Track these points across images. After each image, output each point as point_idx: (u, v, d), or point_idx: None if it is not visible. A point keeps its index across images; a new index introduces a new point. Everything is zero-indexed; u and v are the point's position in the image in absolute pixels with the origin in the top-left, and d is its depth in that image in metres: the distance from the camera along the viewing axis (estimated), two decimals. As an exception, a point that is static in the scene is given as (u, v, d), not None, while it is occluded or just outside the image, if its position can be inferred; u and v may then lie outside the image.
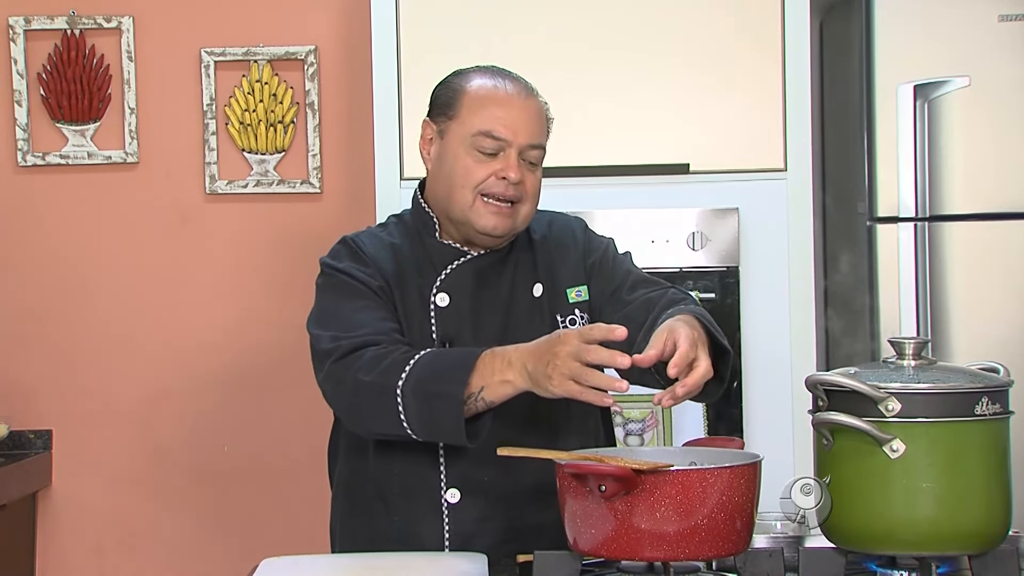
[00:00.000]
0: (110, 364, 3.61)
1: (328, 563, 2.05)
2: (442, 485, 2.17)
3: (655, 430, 3.13)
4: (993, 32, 3.26)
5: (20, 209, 3.61)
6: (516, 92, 2.21)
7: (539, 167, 2.23)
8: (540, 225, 2.31)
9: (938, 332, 3.25)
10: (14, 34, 3.58)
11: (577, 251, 2.29)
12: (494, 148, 2.17)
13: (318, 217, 3.61)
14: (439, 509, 2.17)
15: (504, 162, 2.17)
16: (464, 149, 2.18)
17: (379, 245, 2.26)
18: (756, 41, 3.20)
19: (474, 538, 2.14)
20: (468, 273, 2.22)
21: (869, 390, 1.77)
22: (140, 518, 3.61)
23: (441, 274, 2.22)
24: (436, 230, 2.25)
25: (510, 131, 2.17)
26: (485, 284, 2.22)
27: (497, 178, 2.17)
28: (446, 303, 2.20)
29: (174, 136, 3.61)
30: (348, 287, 2.19)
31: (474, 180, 2.17)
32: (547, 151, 2.27)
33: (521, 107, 2.20)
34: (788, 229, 3.20)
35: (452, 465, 2.17)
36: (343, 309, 2.17)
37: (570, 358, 1.92)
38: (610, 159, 3.21)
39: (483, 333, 2.18)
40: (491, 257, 2.24)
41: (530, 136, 2.19)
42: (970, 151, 3.27)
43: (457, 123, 2.20)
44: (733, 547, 1.79)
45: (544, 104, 2.26)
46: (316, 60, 3.59)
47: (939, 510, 1.76)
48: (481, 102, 2.19)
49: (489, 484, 2.16)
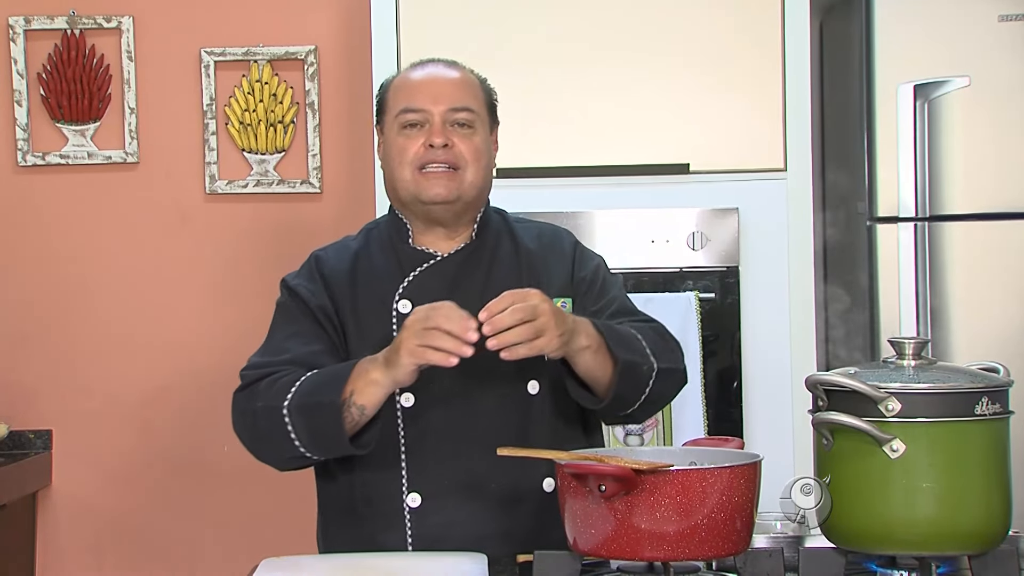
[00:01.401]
0: (110, 364, 3.61)
1: (328, 563, 2.05)
2: (403, 490, 2.17)
3: (655, 430, 3.13)
4: (993, 32, 3.26)
5: (20, 209, 3.62)
6: (434, 68, 2.27)
7: (476, 132, 2.23)
8: (528, 234, 2.30)
9: (938, 332, 3.25)
10: (14, 34, 3.58)
11: (565, 263, 2.28)
12: (417, 120, 2.21)
13: (318, 217, 3.61)
14: (401, 515, 2.17)
15: (429, 131, 2.20)
16: (394, 133, 2.24)
17: (343, 257, 2.28)
18: (756, 41, 3.21)
19: (437, 543, 2.13)
20: (435, 277, 2.22)
21: (869, 390, 1.77)
22: (140, 517, 3.61)
23: (404, 281, 2.22)
24: (409, 235, 2.26)
25: (428, 99, 2.21)
26: (455, 288, 2.20)
27: (426, 148, 2.20)
28: (408, 310, 2.18)
29: (174, 136, 3.61)
30: (288, 310, 2.24)
31: (408, 155, 2.21)
32: (545, 150, 2.27)
33: (438, 77, 2.25)
34: (788, 229, 3.20)
35: (412, 470, 2.17)
36: (276, 334, 2.23)
37: (417, 325, 1.97)
38: (610, 159, 3.21)
39: None
40: (459, 257, 2.24)
41: (451, 100, 2.22)
42: (970, 151, 3.27)
43: (387, 115, 2.26)
44: (733, 547, 1.79)
45: (474, 75, 2.29)
46: (316, 60, 3.59)
47: (939, 510, 1.76)
48: (401, 85, 2.27)
49: (450, 488, 2.15)
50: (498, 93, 2.33)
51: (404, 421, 2.17)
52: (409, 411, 2.17)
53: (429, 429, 2.16)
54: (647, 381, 2.11)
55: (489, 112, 2.28)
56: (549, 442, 2.14)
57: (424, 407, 2.16)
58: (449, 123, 2.21)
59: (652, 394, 2.13)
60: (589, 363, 2.07)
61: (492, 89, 2.31)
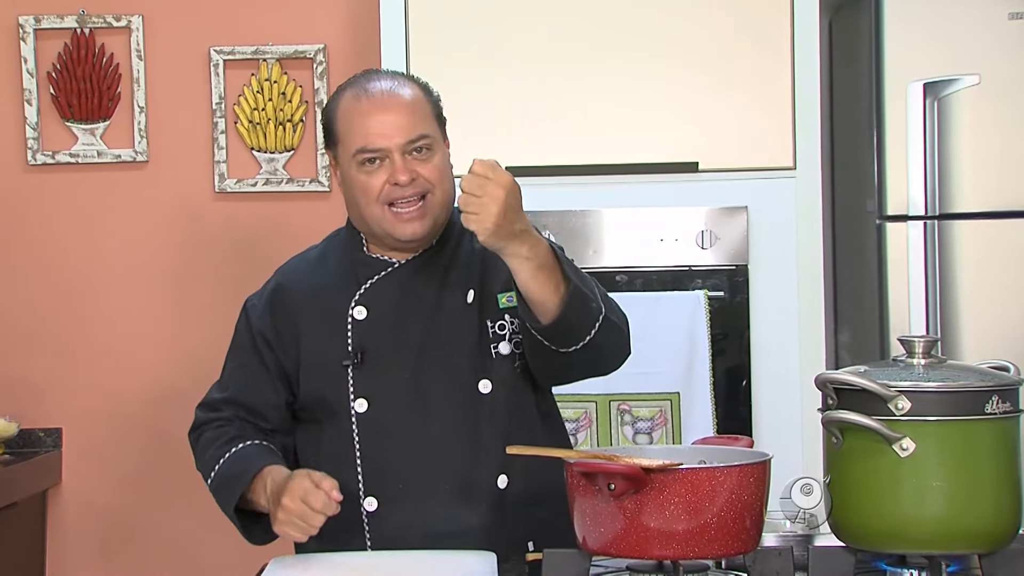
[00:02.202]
0: (120, 362, 3.62)
1: (336, 561, 2.05)
2: (360, 494, 2.18)
3: (664, 428, 3.13)
4: (1003, 30, 3.25)
5: (30, 208, 3.62)
6: (379, 94, 2.19)
7: (435, 151, 2.20)
8: None
9: (948, 330, 3.24)
10: (24, 33, 3.59)
11: None
12: (375, 157, 2.17)
13: (326, 215, 3.60)
14: (359, 519, 2.18)
15: (390, 168, 2.16)
16: (354, 170, 2.19)
17: (301, 268, 2.32)
18: (765, 39, 3.20)
19: (395, 545, 2.15)
20: (391, 284, 2.23)
21: (879, 388, 1.76)
22: (149, 516, 3.61)
23: (361, 288, 2.23)
24: (363, 245, 2.26)
25: (383, 138, 2.16)
26: (409, 292, 2.22)
27: (391, 185, 2.16)
28: (363, 316, 2.21)
29: (183, 135, 3.62)
30: (239, 336, 2.33)
31: (373, 194, 2.17)
32: (555, 149, 2.26)
33: (386, 109, 2.18)
34: (797, 227, 3.20)
35: (368, 473, 2.18)
36: (228, 362, 2.34)
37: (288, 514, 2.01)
38: (619, 158, 3.21)
39: (403, 342, 2.20)
40: (416, 263, 2.24)
41: (406, 132, 2.16)
42: (979, 149, 3.27)
43: (341, 148, 2.21)
44: (742, 546, 1.79)
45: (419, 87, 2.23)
46: (325, 59, 3.60)
47: (949, 509, 1.76)
48: (348, 120, 2.19)
49: (405, 491, 2.17)
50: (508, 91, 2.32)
51: (358, 426, 2.19)
52: (363, 416, 2.19)
53: (382, 433, 2.18)
54: (594, 320, 2.05)
55: (440, 123, 2.25)
56: (502, 440, 2.14)
57: (377, 411, 2.18)
58: (407, 153, 2.17)
59: (594, 341, 2.06)
60: (527, 277, 2.01)
61: (437, 95, 2.25)
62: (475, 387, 2.19)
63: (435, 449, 2.15)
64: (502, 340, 2.20)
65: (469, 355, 2.19)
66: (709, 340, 3.14)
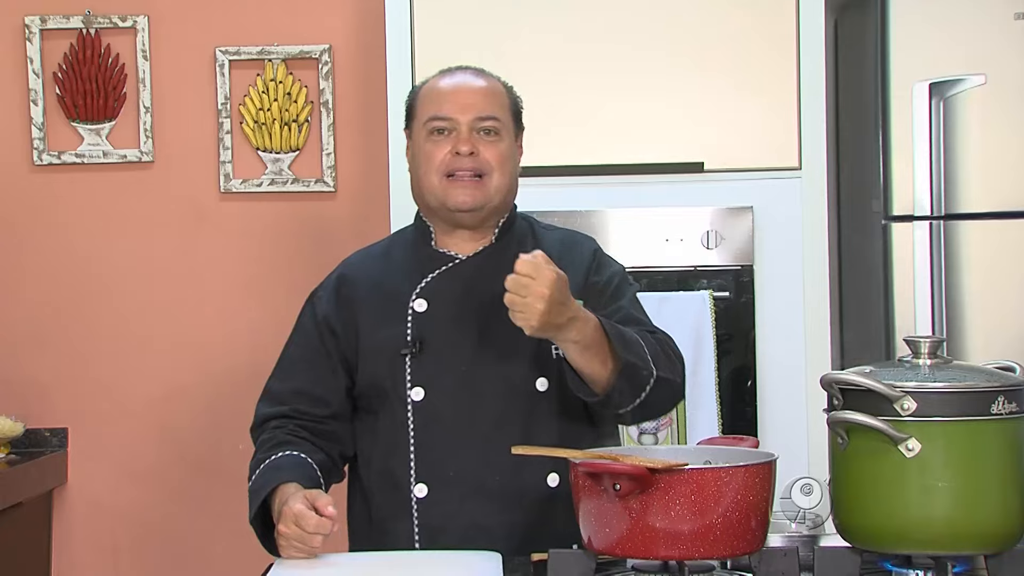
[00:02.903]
0: (125, 362, 3.62)
1: (342, 562, 2.06)
2: (411, 481, 2.22)
3: (669, 429, 3.13)
4: (1009, 30, 3.24)
5: (36, 208, 3.63)
6: (462, 76, 2.33)
7: (502, 139, 2.29)
8: (550, 240, 2.36)
9: (954, 331, 3.24)
10: (30, 33, 3.59)
11: (582, 266, 2.32)
12: (444, 127, 2.27)
13: (332, 216, 3.61)
14: (409, 504, 2.22)
15: (456, 139, 2.26)
16: (423, 139, 2.30)
17: (366, 261, 2.38)
18: (771, 39, 3.20)
19: (441, 533, 2.19)
20: (453, 279, 2.28)
21: (885, 389, 1.76)
22: (155, 516, 3.62)
23: (423, 281, 2.28)
24: (432, 238, 2.32)
25: (456, 108, 2.27)
26: (471, 287, 2.27)
27: (452, 155, 2.25)
28: (424, 308, 2.26)
29: (189, 135, 3.62)
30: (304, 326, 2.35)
31: (435, 162, 2.26)
32: (560, 149, 2.29)
33: (465, 86, 2.30)
34: (803, 228, 3.20)
35: (420, 460, 2.22)
36: (287, 353, 2.36)
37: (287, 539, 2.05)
38: (624, 158, 3.21)
39: (462, 335, 2.24)
40: (479, 259, 2.30)
41: (477, 109, 2.27)
42: (986, 149, 3.26)
43: (416, 121, 2.32)
44: (748, 546, 1.79)
45: (500, 82, 2.35)
46: (330, 59, 3.60)
47: (955, 509, 1.75)
48: (429, 93, 2.32)
49: (455, 480, 2.20)
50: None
51: (413, 414, 2.23)
52: (418, 404, 2.23)
53: (436, 421, 2.22)
54: (645, 386, 2.14)
55: (515, 119, 2.34)
56: (555, 439, 2.18)
57: (432, 400, 2.22)
58: (475, 131, 2.27)
59: (648, 400, 2.16)
60: (575, 355, 2.09)
61: (518, 97, 2.37)
62: (532, 384, 2.23)
63: (487, 441, 2.19)
64: None
65: (529, 353, 2.23)
66: (714, 340, 3.13)
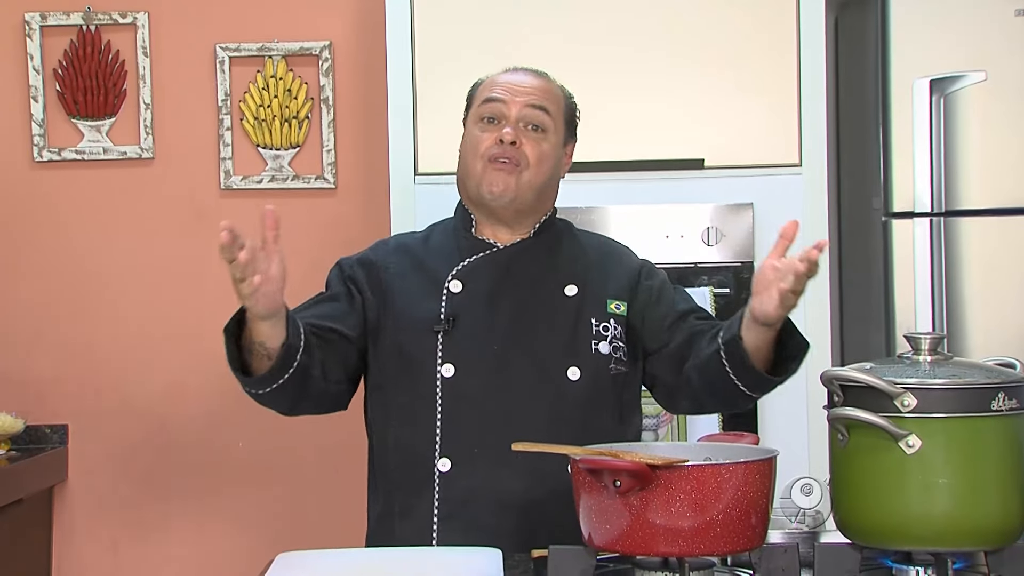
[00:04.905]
0: (126, 359, 3.62)
1: (343, 558, 2.05)
2: (435, 455, 2.24)
3: (669, 425, 3.13)
4: (1010, 26, 3.24)
5: (36, 205, 3.63)
6: (524, 70, 2.39)
7: (547, 137, 2.34)
8: (590, 242, 2.43)
9: (954, 327, 3.24)
10: (30, 30, 3.59)
11: (630, 270, 2.38)
12: (494, 112, 2.32)
13: (332, 212, 3.61)
14: (431, 478, 2.24)
15: (503, 127, 2.30)
16: (473, 124, 2.36)
17: (406, 240, 2.43)
18: (771, 36, 3.20)
19: (463, 507, 2.21)
20: (489, 264, 2.33)
21: (885, 385, 1.76)
22: (155, 513, 3.62)
23: (460, 264, 2.32)
24: (472, 226, 2.37)
25: (507, 92, 2.33)
26: (507, 273, 2.32)
27: (496, 142, 2.30)
28: (459, 289, 2.30)
29: (189, 132, 3.62)
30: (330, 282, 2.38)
31: (480, 148, 2.31)
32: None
33: (522, 76, 2.37)
34: (803, 225, 3.17)
35: (446, 435, 2.24)
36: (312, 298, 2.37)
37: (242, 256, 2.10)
38: (625, 155, 3.21)
39: (495, 317, 2.28)
40: (517, 249, 2.35)
41: (529, 97, 2.32)
42: (986, 146, 3.26)
43: (472, 110, 2.39)
44: (748, 543, 1.79)
45: (560, 87, 2.40)
46: (331, 56, 3.60)
47: (955, 506, 1.76)
48: (488, 81, 2.39)
49: (479, 457, 2.22)
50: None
51: (442, 389, 2.26)
52: (448, 380, 2.26)
53: (464, 398, 2.25)
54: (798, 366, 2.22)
55: (567, 124, 2.39)
56: (579, 429, 2.19)
57: (462, 377, 2.25)
58: (523, 123, 2.31)
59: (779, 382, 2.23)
60: (765, 337, 2.14)
61: (576, 105, 2.42)
62: (564, 372, 2.26)
63: (513, 421, 2.21)
64: (603, 340, 2.29)
65: (562, 342, 2.27)
66: (715, 337, 3.13)
